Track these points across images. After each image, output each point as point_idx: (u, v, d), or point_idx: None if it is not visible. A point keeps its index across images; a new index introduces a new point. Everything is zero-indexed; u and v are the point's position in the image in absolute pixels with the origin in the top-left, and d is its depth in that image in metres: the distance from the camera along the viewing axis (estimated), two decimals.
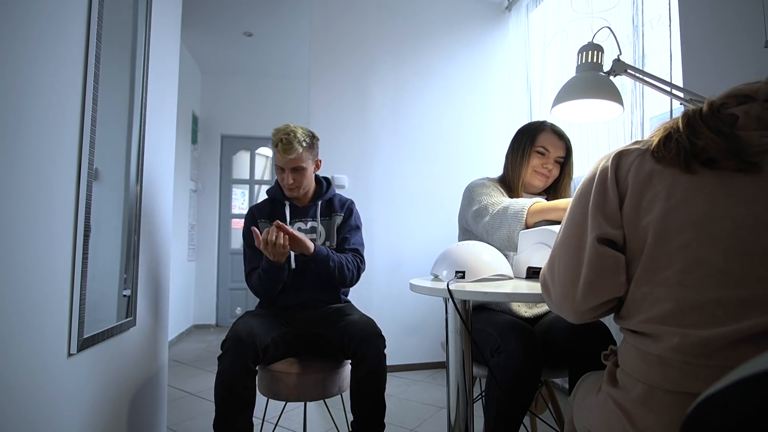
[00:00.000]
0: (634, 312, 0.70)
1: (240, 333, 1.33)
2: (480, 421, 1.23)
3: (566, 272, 0.76)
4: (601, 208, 0.73)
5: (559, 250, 0.79)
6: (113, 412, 1.27)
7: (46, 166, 0.93)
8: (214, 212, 4.83)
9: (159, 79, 1.60)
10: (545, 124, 1.50)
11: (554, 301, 0.80)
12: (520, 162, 1.47)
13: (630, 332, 0.71)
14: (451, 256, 1.16)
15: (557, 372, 1.31)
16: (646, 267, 0.68)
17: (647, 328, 0.67)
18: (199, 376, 2.94)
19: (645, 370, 0.67)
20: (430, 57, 3.20)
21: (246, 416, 1.31)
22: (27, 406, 0.88)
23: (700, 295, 0.62)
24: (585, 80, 1.34)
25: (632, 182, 0.71)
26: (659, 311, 0.65)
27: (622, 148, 0.77)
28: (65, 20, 0.99)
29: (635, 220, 0.70)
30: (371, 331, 1.40)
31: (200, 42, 4.12)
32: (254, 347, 1.31)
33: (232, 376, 1.29)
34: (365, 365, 1.36)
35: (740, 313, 0.59)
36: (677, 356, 0.62)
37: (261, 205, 1.71)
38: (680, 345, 0.62)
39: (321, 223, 1.66)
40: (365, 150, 3.05)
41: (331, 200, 1.70)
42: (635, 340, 0.69)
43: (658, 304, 0.66)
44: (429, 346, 3.02)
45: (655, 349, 0.65)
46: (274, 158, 1.59)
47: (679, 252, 0.65)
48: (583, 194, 0.77)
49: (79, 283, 1.04)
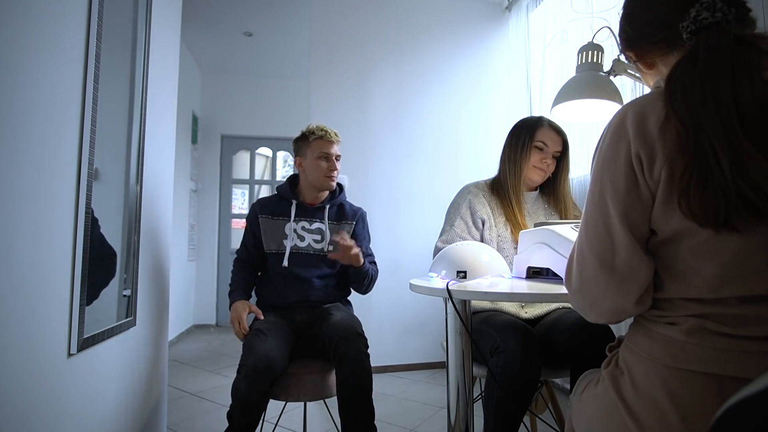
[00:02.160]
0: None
1: (259, 363, 1.30)
2: (480, 421, 1.23)
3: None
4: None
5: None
6: (113, 412, 1.26)
7: (46, 166, 0.93)
8: (214, 212, 4.83)
9: (159, 79, 1.60)
10: (542, 119, 1.51)
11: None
12: (519, 158, 1.48)
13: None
14: (448, 256, 1.16)
15: (557, 372, 1.31)
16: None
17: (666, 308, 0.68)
18: (199, 376, 2.94)
19: (651, 346, 0.68)
20: (430, 57, 3.20)
21: (256, 420, 1.34)
22: (27, 406, 0.88)
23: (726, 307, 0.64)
24: (585, 80, 1.34)
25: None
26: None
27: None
28: (65, 20, 0.99)
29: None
30: (350, 331, 1.39)
31: (200, 42, 4.12)
32: (272, 375, 1.31)
33: (248, 402, 1.29)
34: (345, 365, 1.35)
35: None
36: (688, 338, 0.63)
37: (267, 200, 1.72)
38: (692, 329, 0.63)
39: (329, 226, 1.66)
40: (365, 150, 3.05)
41: (342, 206, 1.72)
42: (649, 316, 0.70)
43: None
44: (429, 346, 3.02)
45: (668, 331, 0.66)
46: (314, 148, 1.64)
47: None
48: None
49: (79, 283, 1.04)
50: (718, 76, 0.60)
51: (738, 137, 0.57)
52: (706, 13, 0.64)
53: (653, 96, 0.68)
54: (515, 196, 1.47)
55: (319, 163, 1.63)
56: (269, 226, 1.65)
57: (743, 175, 0.57)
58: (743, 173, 0.57)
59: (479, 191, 1.52)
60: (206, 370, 3.08)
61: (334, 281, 1.67)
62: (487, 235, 1.45)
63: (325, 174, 1.63)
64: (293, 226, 1.64)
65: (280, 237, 1.64)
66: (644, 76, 0.82)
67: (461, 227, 1.46)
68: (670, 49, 0.72)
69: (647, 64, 0.78)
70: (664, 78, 0.68)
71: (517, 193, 1.48)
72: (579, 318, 1.28)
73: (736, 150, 0.57)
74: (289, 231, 1.64)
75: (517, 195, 1.48)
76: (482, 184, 1.55)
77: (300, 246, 1.63)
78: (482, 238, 1.46)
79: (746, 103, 0.58)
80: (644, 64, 0.79)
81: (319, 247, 1.64)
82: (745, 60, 0.61)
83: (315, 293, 1.60)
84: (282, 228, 1.65)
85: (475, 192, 1.51)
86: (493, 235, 1.46)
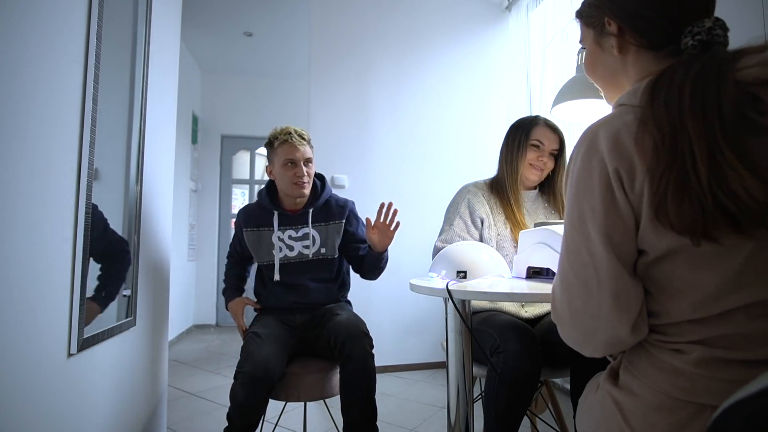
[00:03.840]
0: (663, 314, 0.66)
1: (256, 371, 1.29)
2: (480, 421, 1.23)
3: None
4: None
5: None
6: (113, 413, 1.26)
7: (46, 166, 0.93)
8: (214, 212, 4.83)
9: (159, 79, 1.60)
10: (538, 118, 1.52)
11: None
12: (516, 157, 1.49)
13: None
14: (448, 256, 1.16)
15: (557, 372, 1.31)
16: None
17: (671, 333, 0.64)
18: (199, 376, 2.94)
19: (655, 376, 0.64)
20: (429, 57, 3.20)
21: (256, 423, 1.34)
22: (27, 406, 0.88)
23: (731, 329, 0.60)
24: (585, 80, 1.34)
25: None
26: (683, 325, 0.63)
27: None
28: (65, 20, 0.99)
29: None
30: (355, 330, 1.38)
31: (200, 42, 4.12)
32: (270, 382, 1.30)
33: (246, 408, 1.29)
34: (351, 364, 1.34)
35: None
36: (697, 370, 0.60)
37: (251, 210, 1.66)
38: (701, 360, 0.60)
39: (315, 228, 1.61)
40: (365, 150, 3.05)
41: (328, 203, 1.65)
42: (654, 341, 0.66)
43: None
44: (429, 346, 3.02)
45: (674, 360, 0.62)
46: (280, 155, 1.54)
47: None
48: None
49: (79, 283, 1.04)
50: (710, 82, 0.59)
51: (718, 142, 0.55)
52: (720, 31, 0.63)
53: (619, 112, 0.65)
54: (513, 194, 1.48)
55: (285, 171, 1.54)
56: (255, 239, 1.61)
57: (720, 181, 0.55)
58: (720, 180, 0.55)
59: (478, 190, 1.52)
60: (206, 370, 3.08)
61: (333, 282, 1.66)
62: (486, 234, 1.46)
63: (293, 181, 1.54)
64: (279, 235, 1.59)
65: (268, 247, 1.60)
66: (602, 56, 0.75)
67: (460, 226, 1.47)
68: (654, 46, 0.69)
69: (621, 47, 0.71)
70: (620, 73, 0.66)
71: (515, 191, 1.48)
72: None
73: (714, 155, 0.55)
74: (276, 241, 1.59)
75: (515, 194, 1.48)
76: (481, 183, 1.56)
77: (290, 256, 1.59)
78: (481, 237, 1.47)
79: (726, 104, 0.57)
80: (618, 45, 0.71)
81: (311, 251, 1.59)
82: (726, 65, 0.60)
83: (313, 296, 1.59)
84: (269, 238, 1.60)
85: (473, 191, 1.52)
86: (493, 234, 1.46)
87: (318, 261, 1.60)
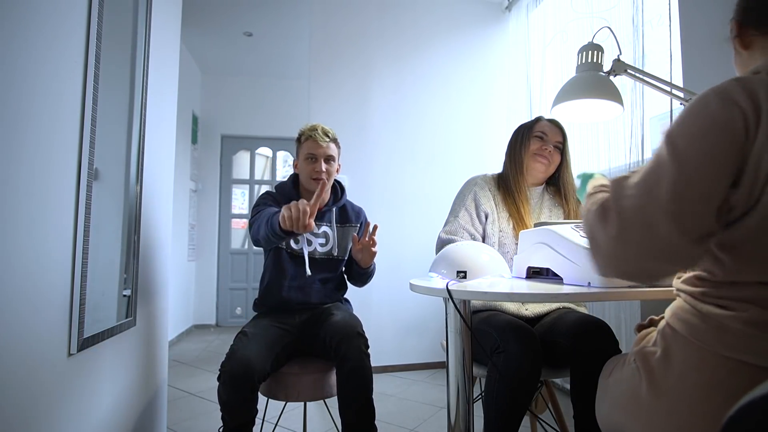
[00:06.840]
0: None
1: (235, 369, 1.27)
2: (480, 421, 1.23)
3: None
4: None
5: None
6: (113, 412, 1.26)
7: (45, 166, 0.93)
8: (214, 212, 4.83)
9: (159, 79, 1.60)
10: (540, 117, 1.57)
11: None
12: (520, 149, 1.51)
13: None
14: (448, 256, 1.16)
15: (557, 372, 1.31)
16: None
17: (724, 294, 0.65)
18: (199, 376, 2.94)
19: (701, 328, 0.65)
20: (430, 57, 3.21)
21: (250, 422, 1.34)
22: (27, 405, 0.88)
23: None
24: (585, 80, 1.34)
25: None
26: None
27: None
28: (65, 20, 0.99)
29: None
30: (350, 331, 1.38)
31: (200, 42, 4.12)
32: (250, 379, 1.28)
33: (231, 407, 1.29)
34: (347, 364, 1.34)
35: None
36: (745, 328, 0.61)
37: (286, 189, 1.64)
38: (751, 319, 0.60)
39: (336, 229, 1.63)
40: (365, 150, 3.05)
41: (345, 208, 1.69)
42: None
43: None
44: (429, 346, 3.02)
45: (724, 317, 0.63)
46: (304, 149, 1.58)
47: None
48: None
49: (79, 283, 1.04)
50: None
51: None
52: None
53: (754, 75, 0.65)
54: (517, 186, 1.48)
55: (306, 165, 1.58)
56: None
57: None
58: None
59: (486, 184, 1.53)
60: (206, 370, 3.08)
61: (334, 282, 1.66)
62: (490, 230, 1.47)
63: (311, 176, 1.56)
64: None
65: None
66: (737, 57, 0.78)
67: (465, 219, 1.47)
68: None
69: (744, 42, 0.75)
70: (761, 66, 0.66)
71: (520, 186, 1.48)
72: (579, 317, 1.28)
73: None
74: (301, 235, 1.56)
75: (521, 189, 1.48)
76: (489, 177, 1.57)
77: (309, 251, 1.60)
78: (485, 232, 1.47)
79: None
80: (741, 42, 0.75)
81: (325, 250, 1.61)
82: None
83: (316, 295, 1.60)
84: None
85: (481, 184, 1.53)
86: (495, 230, 1.46)
87: (325, 260, 1.61)
